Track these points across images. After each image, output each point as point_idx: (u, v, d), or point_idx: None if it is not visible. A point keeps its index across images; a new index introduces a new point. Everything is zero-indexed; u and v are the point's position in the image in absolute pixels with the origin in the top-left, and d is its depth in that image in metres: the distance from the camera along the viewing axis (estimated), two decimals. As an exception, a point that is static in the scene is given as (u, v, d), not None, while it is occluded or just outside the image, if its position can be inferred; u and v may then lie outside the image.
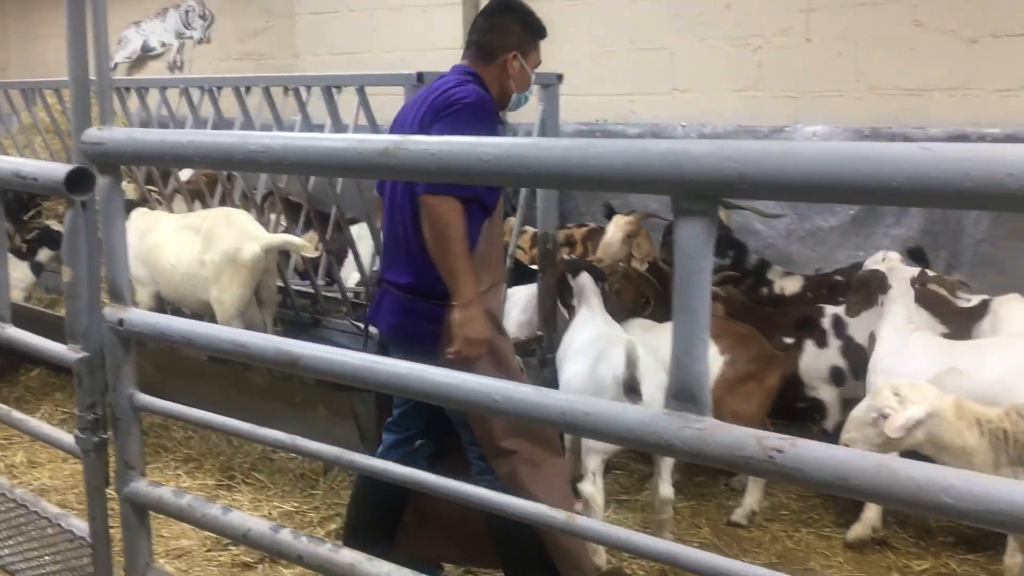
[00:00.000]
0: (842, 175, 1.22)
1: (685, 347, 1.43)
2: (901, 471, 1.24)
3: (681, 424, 1.43)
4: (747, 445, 1.36)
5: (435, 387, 1.68)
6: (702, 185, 1.35)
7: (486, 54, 3.08)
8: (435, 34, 7.00)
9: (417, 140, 1.63)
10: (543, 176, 1.51)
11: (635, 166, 1.41)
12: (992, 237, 4.93)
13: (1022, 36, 4.80)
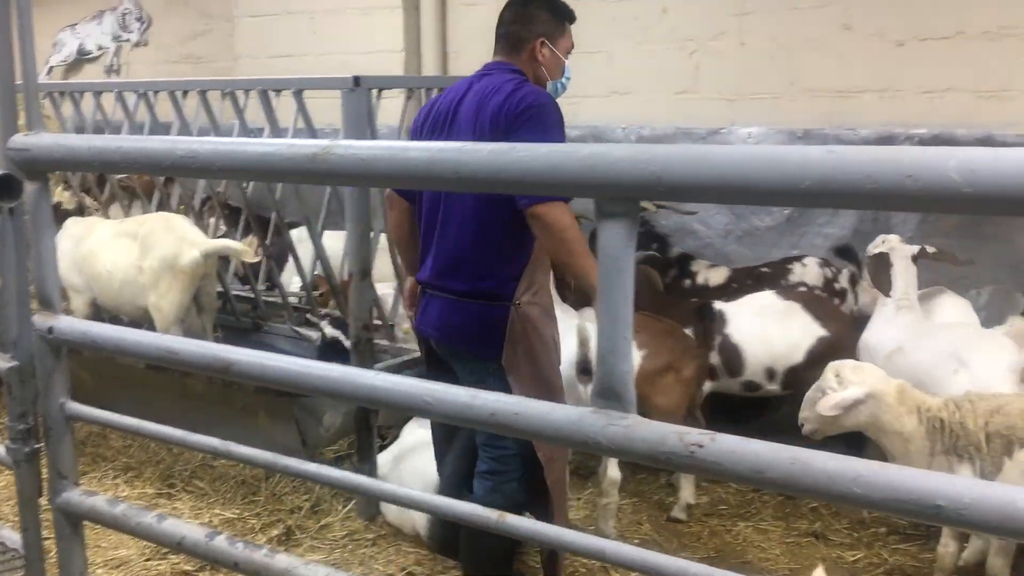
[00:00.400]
0: (754, 178, 1.27)
1: (609, 346, 1.46)
2: (814, 463, 1.29)
3: (606, 422, 1.46)
4: (669, 441, 1.40)
5: (366, 390, 1.69)
6: (623, 188, 1.39)
7: (514, 44, 3.08)
8: (376, 37, 6.98)
9: (346, 145, 1.64)
10: (470, 180, 1.53)
11: (558, 169, 1.44)
12: (920, 235, 5.07)
13: (947, 39, 4.95)
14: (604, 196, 1.40)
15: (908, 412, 3.15)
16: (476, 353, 2.96)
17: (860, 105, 5.20)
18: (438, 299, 3.00)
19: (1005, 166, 1.12)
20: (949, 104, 4.95)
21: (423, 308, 3.09)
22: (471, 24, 6.79)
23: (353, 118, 3.62)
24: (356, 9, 7.05)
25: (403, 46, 6.91)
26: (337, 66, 6.93)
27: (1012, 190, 1.11)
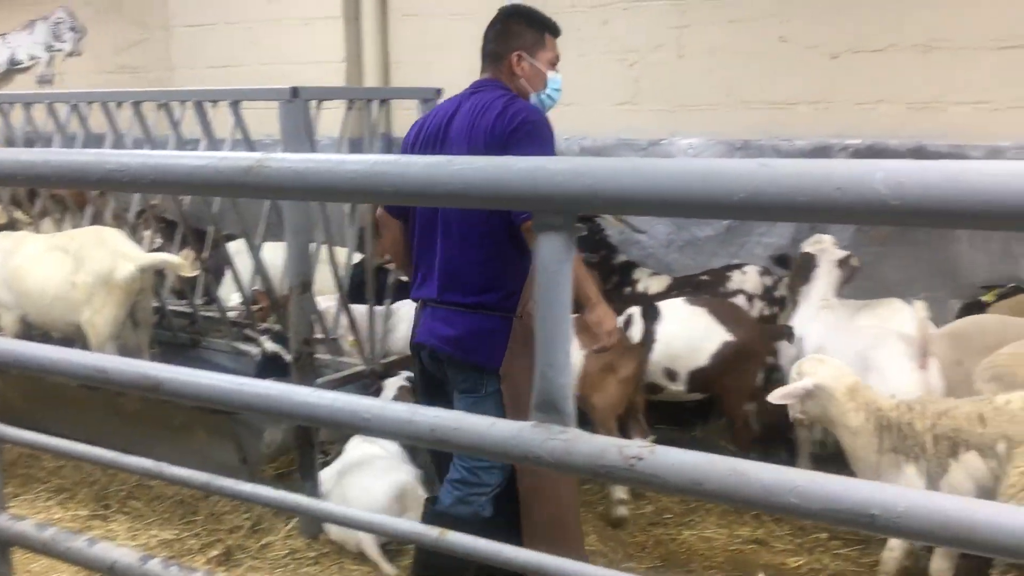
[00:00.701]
0: (688, 191, 1.27)
1: (548, 359, 1.45)
2: (751, 474, 1.29)
3: (546, 436, 1.45)
4: (609, 454, 1.40)
5: (302, 408, 1.66)
6: (560, 201, 1.38)
7: (495, 61, 3.15)
8: (317, 48, 6.92)
9: (280, 158, 1.61)
10: (407, 192, 1.51)
11: (495, 182, 1.43)
12: (856, 244, 5.18)
13: (879, 52, 5.07)
14: (542, 209, 1.40)
15: (856, 408, 3.22)
16: (475, 362, 3.01)
17: (796, 116, 5.30)
18: (440, 310, 3.04)
19: (930, 178, 1.13)
20: (882, 115, 5.07)
21: (423, 322, 3.12)
22: (412, 34, 6.78)
23: (291, 129, 3.58)
24: (295, 19, 6.98)
25: (344, 56, 6.86)
26: (276, 76, 6.85)
27: (937, 202, 1.13)
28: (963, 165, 1.12)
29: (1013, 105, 4.75)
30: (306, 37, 6.96)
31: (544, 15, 3.26)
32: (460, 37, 6.50)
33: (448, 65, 6.54)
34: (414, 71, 6.78)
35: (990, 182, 1.11)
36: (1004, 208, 1.10)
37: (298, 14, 6.97)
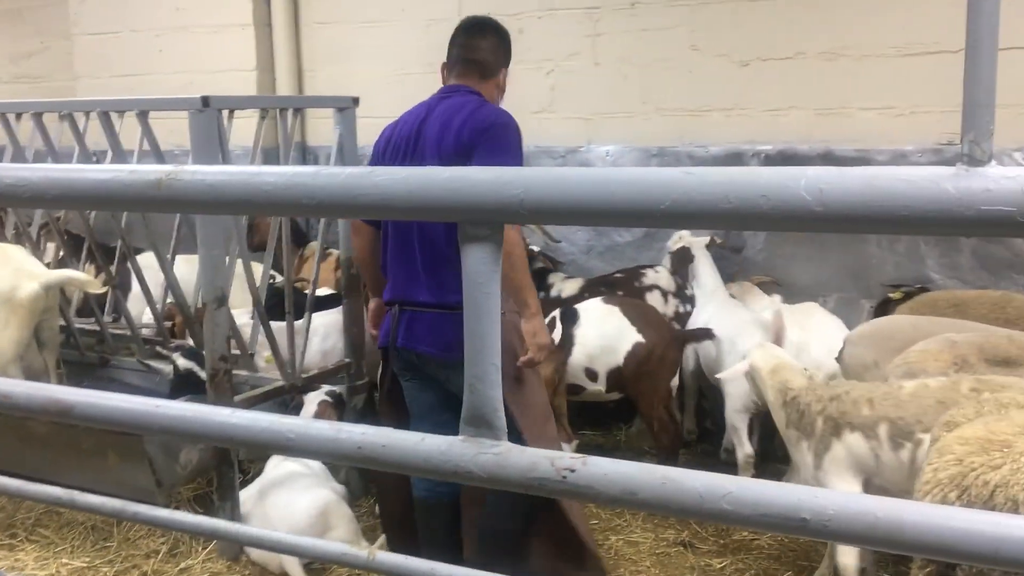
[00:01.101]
0: (615, 199, 1.26)
1: (478, 373, 1.43)
2: (684, 482, 1.29)
3: (477, 450, 1.43)
4: (541, 466, 1.38)
5: (221, 429, 1.60)
6: (486, 211, 1.36)
7: (485, 72, 3.30)
8: (227, 56, 6.77)
9: (192, 170, 1.55)
10: (327, 205, 1.47)
11: (419, 193, 1.40)
12: (770, 247, 5.30)
13: (789, 59, 5.20)
14: (467, 219, 1.38)
15: (774, 387, 3.55)
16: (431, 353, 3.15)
17: (709, 123, 5.39)
18: (426, 315, 3.11)
19: (850, 184, 1.15)
20: (792, 121, 5.20)
21: (405, 326, 3.15)
22: (326, 42, 6.68)
23: (202, 140, 3.47)
24: (204, 27, 6.81)
25: (255, 64, 6.72)
26: (185, 86, 6.68)
27: (858, 209, 1.14)
28: (881, 171, 1.13)
29: (915, 110, 4.92)
30: (216, 45, 6.80)
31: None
32: (376, 45, 6.45)
33: (363, 73, 6.49)
34: (328, 79, 6.69)
35: (906, 188, 1.13)
36: (922, 213, 1.12)
37: (207, 22, 6.81)
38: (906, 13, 4.87)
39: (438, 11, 6.16)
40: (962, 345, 3.49)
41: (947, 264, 4.90)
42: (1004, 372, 3.36)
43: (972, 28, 1.10)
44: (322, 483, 3.85)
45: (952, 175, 1.10)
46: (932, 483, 2.35)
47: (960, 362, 3.44)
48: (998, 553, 1.15)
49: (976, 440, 2.34)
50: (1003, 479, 2.20)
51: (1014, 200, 1.07)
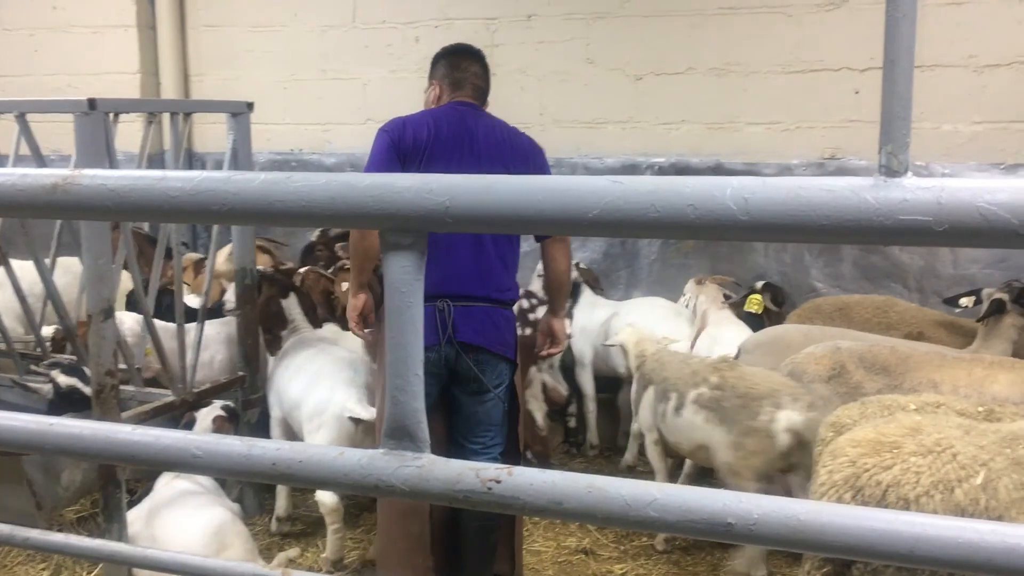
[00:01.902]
0: (543, 207, 1.25)
1: (400, 384, 1.39)
2: (609, 490, 1.29)
3: (399, 463, 1.39)
4: (466, 478, 1.36)
5: (124, 447, 1.51)
6: (409, 219, 1.33)
7: (483, 96, 3.67)
8: (107, 58, 6.49)
9: (92, 175, 1.47)
10: (240, 212, 1.41)
11: (340, 200, 1.36)
12: (663, 256, 5.43)
13: (680, 74, 5.34)
14: (391, 227, 1.34)
15: (634, 356, 4.27)
16: (507, 355, 3.41)
17: (605, 135, 5.49)
18: (476, 308, 3.31)
19: (773, 194, 1.17)
20: (684, 135, 5.34)
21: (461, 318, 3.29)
22: (213, 45, 6.49)
23: (88, 144, 3.31)
24: (84, 27, 6.52)
25: (139, 67, 6.48)
26: (63, 88, 6.38)
27: (782, 218, 1.17)
28: (805, 181, 1.16)
29: (799, 125, 5.13)
30: (96, 46, 6.52)
31: None
32: (269, 51, 6.31)
33: (257, 78, 6.32)
34: (217, 84, 6.50)
35: (828, 198, 1.16)
36: (842, 223, 1.15)
37: (87, 22, 6.52)
38: (791, 32, 5.07)
39: (333, 17, 6.08)
40: (843, 352, 3.69)
41: (830, 273, 5.12)
42: (882, 380, 3.55)
43: (890, 45, 1.14)
44: (215, 501, 3.71)
45: (871, 186, 1.14)
46: (828, 484, 2.43)
47: (838, 367, 3.64)
48: (913, 552, 1.19)
49: (867, 442, 2.44)
50: (894, 479, 2.30)
51: (930, 210, 1.11)
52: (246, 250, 4.22)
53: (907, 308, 4.51)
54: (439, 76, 3.70)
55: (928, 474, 2.14)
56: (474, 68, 3.68)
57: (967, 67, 4.78)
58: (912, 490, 2.14)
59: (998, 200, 1.09)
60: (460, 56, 3.71)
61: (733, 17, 5.16)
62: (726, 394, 3.66)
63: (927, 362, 3.58)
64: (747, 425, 3.55)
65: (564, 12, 5.48)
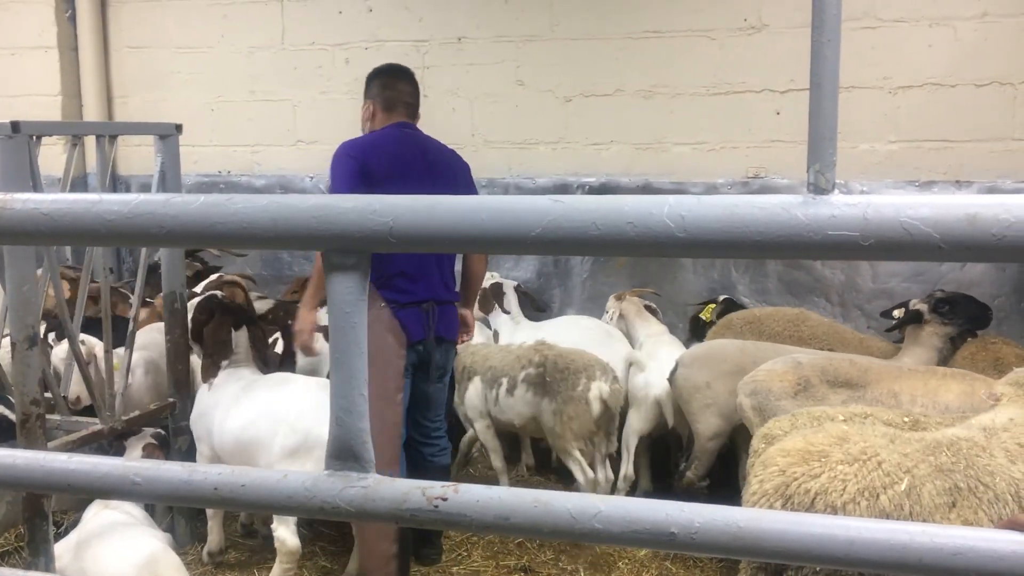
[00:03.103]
0: (486, 227, 1.28)
1: (345, 404, 1.40)
2: (555, 504, 1.31)
3: (344, 484, 1.39)
4: (412, 497, 1.36)
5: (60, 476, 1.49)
6: (352, 240, 1.34)
7: (415, 114, 3.88)
8: (27, 80, 6.33)
9: (25, 198, 1.45)
10: (180, 235, 1.40)
11: (283, 222, 1.36)
12: (594, 274, 5.50)
13: (609, 96, 5.43)
14: (334, 248, 1.35)
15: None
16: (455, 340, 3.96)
17: (536, 155, 5.55)
18: (447, 307, 3.81)
19: (709, 212, 1.21)
20: (613, 155, 5.43)
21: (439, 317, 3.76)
22: (138, 67, 6.39)
23: (12, 168, 3.22)
24: (3, 48, 6.37)
25: (60, 90, 6.33)
26: (-21, 110, 6.19)
27: (717, 235, 1.21)
28: (738, 199, 1.20)
29: (724, 145, 5.26)
30: (15, 68, 6.36)
31: None
32: (195, 72, 6.23)
33: (184, 100, 6.24)
34: (142, 106, 6.39)
35: (760, 215, 1.21)
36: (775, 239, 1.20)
37: (5, 43, 6.36)
38: (715, 55, 5.21)
39: (261, 38, 6.04)
40: (806, 367, 3.69)
41: (756, 289, 5.25)
42: (845, 393, 3.57)
43: (816, 69, 1.20)
44: (146, 531, 3.61)
45: (801, 203, 1.19)
46: (759, 494, 2.49)
47: (803, 383, 3.64)
48: (848, 555, 1.24)
49: (796, 452, 2.51)
50: (822, 487, 2.37)
51: (856, 225, 1.17)
52: (175, 273, 4.15)
53: (819, 322, 4.61)
54: (372, 95, 3.85)
55: (855, 481, 2.21)
56: (406, 87, 3.85)
57: (882, 88, 4.98)
58: (839, 497, 2.21)
59: (920, 215, 1.15)
60: (392, 76, 3.88)
61: (659, 40, 5.28)
62: (549, 371, 4.30)
63: (886, 374, 3.63)
64: (567, 395, 4.22)
65: (494, 35, 5.54)
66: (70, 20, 6.33)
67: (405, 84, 3.87)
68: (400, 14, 5.72)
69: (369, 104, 3.85)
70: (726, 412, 4.04)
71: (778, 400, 3.65)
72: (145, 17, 6.31)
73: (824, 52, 1.19)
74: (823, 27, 1.18)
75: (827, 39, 1.18)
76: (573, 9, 5.39)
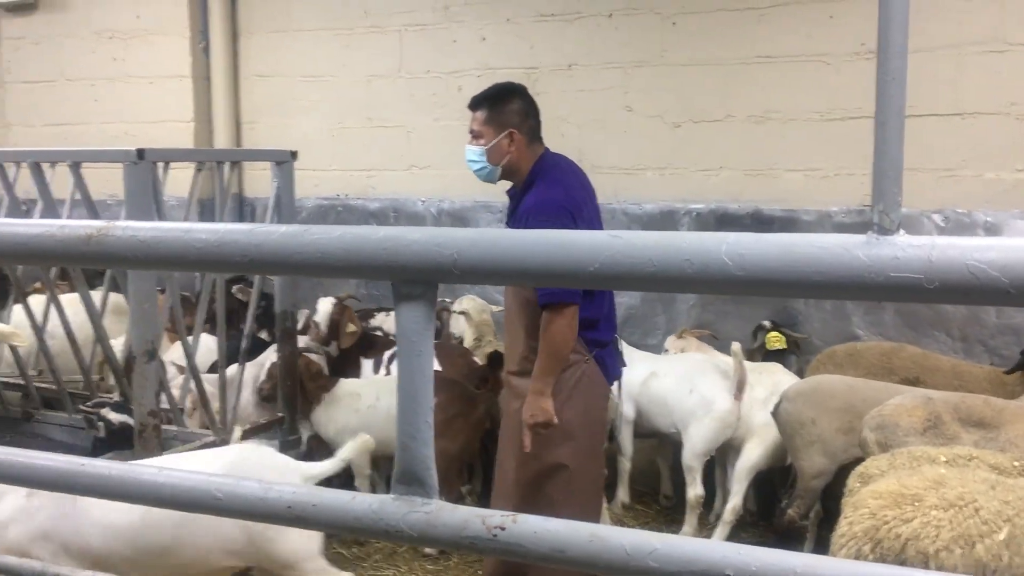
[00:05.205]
0: (544, 260, 1.30)
1: (410, 431, 1.43)
2: (611, 539, 1.31)
3: (408, 509, 1.43)
4: (472, 525, 1.39)
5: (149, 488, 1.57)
6: (419, 271, 1.38)
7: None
8: (164, 107, 6.73)
9: (124, 226, 1.55)
10: (260, 263, 1.48)
11: (355, 252, 1.42)
12: (702, 301, 5.41)
13: (719, 122, 5.37)
14: (401, 279, 1.39)
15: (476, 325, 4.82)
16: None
17: (643, 182, 5.52)
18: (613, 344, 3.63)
19: (768, 250, 1.20)
20: (722, 181, 5.35)
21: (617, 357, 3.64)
22: (264, 95, 6.70)
23: (136, 192, 3.44)
24: (141, 78, 6.78)
25: (193, 116, 6.70)
26: (120, 136, 6.62)
27: (776, 274, 1.19)
28: (798, 238, 1.18)
29: (839, 172, 5.11)
30: (153, 96, 6.77)
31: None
32: (317, 100, 6.49)
33: (306, 127, 6.50)
34: (266, 131, 6.70)
35: (821, 254, 1.18)
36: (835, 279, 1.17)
37: (145, 72, 6.78)
38: (830, 80, 5.08)
39: (379, 67, 6.24)
40: (937, 403, 3.52)
41: (872, 321, 5.06)
42: (978, 432, 3.37)
43: (880, 104, 1.17)
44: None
45: (863, 243, 1.16)
46: (847, 536, 2.40)
47: (933, 419, 3.45)
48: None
49: (889, 494, 2.41)
50: (914, 532, 2.27)
51: (921, 268, 1.13)
52: (287, 293, 4.32)
53: (912, 353, 4.48)
54: (513, 123, 3.46)
55: (949, 528, 2.11)
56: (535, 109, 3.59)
57: (1009, 115, 4.74)
58: (932, 544, 2.11)
59: (987, 258, 1.11)
60: (528, 100, 3.57)
61: (771, 65, 5.19)
62: None
63: (1021, 415, 3.47)
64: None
65: (603, 61, 5.56)
66: (204, 51, 6.70)
67: (535, 106, 3.58)
68: (512, 42, 5.82)
69: (511, 134, 3.44)
70: (831, 450, 3.90)
71: (906, 436, 3.48)
72: (273, 48, 6.62)
73: (889, 90, 1.16)
74: (888, 64, 1.16)
75: (892, 77, 1.16)
76: (683, 35, 5.36)
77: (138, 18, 6.75)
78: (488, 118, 3.46)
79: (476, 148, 3.50)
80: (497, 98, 3.50)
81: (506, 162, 3.46)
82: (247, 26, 6.67)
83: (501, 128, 3.44)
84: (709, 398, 4.48)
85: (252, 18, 6.65)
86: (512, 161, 3.46)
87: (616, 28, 5.53)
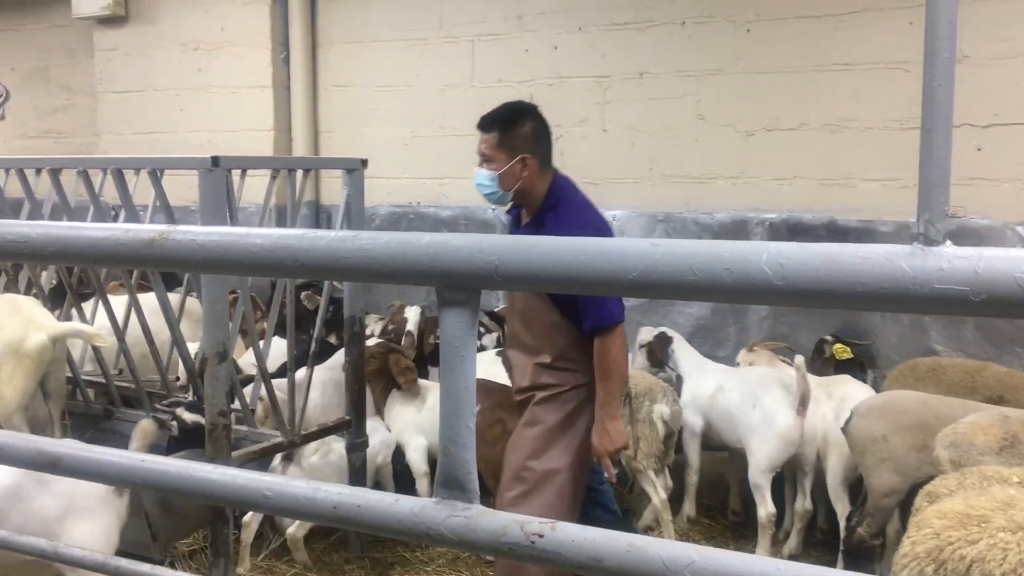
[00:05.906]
0: (586, 268, 1.30)
1: (452, 435, 1.45)
2: (649, 549, 1.30)
3: (449, 513, 1.44)
4: (511, 531, 1.39)
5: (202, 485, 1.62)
6: (462, 277, 1.40)
7: None
8: (244, 116, 6.93)
9: (184, 231, 1.60)
10: (311, 267, 1.51)
11: (400, 258, 1.44)
12: (774, 313, 5.31)
13: (793, 130, 5.27)
14: (444, 284, 1.41)
15: None
16: None
17: (715, 191, 5.46)
18: None
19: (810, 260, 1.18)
20: (796, 191, 5.25)
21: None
22: (342, 105, 6.83)
23: (211, 198, 3.55)
24: (223, 88, 6.99)
25: (273, 125, 6.87)
26: (203, 144, 6.83)
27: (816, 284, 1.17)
28: (840, 248, 1.16)
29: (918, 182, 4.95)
30: (235, 105, 6.97)
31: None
32: (390, 109, 6.59)
33: (380, 135, 6.61)
34: (344, 140, 6.83)
35: (863, 265, 1.15)
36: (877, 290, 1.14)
37: (226, 83, 6.99)
38: (909, 88, 4.94)
39: (453, 77, 6.31)
40: (1014, 421, 3.40)
41: (951, 336, 4.89)
42: None
43: (927, 113, 1.14)
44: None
45: (908, 254, 1.13)
46: (910, 556, 2.33)
47: (1010, 438, 3.35)
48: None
49: (955, 514, 2.32)
50: (979, 554, 2.18)
51: (967, 280, 1.10)
52: (356, 299, 4.39)
53: (997, 372, 4.32)
54: (527, 148, 3.32)
55: (1016, 551, 2.02)
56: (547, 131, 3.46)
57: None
58: (998, 567, 2.03)
59: (1037, 270, 1.07)
60: (542, 121, 3.43)
61: (848, 73, 5.07)
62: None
63: None
64: (633, 418, 4.30)
65: (675, 69, 5.52)
66: (284, 62, 6.87)
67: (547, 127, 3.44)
68: (583, 50, 5.82)
69: (524, 159, 3.30)
70: (903, 468, 3.78)
71: (980, 455, 3.37)
72: (350, 58, 6.76)
73: (936, 97, 1.13)
74: (935, 71, 1.13)
75: (939, 83, 1.13)
76: (757, 43, 5.28)
77: (222, 30, 6.97)
78: (500, 142, 3.32)
79: (487, 172, 3.34)
80: (509, 120, 3.36)
81: (519, 187, 3.34)
82: (326, 37, 6.83)
83: (513, 153, 3.30)
84: (771, 413, 4.42)
85: (331, 30, 6.80)
86: (524, 186, 3.34)
87: (689, 36, 5.48)
